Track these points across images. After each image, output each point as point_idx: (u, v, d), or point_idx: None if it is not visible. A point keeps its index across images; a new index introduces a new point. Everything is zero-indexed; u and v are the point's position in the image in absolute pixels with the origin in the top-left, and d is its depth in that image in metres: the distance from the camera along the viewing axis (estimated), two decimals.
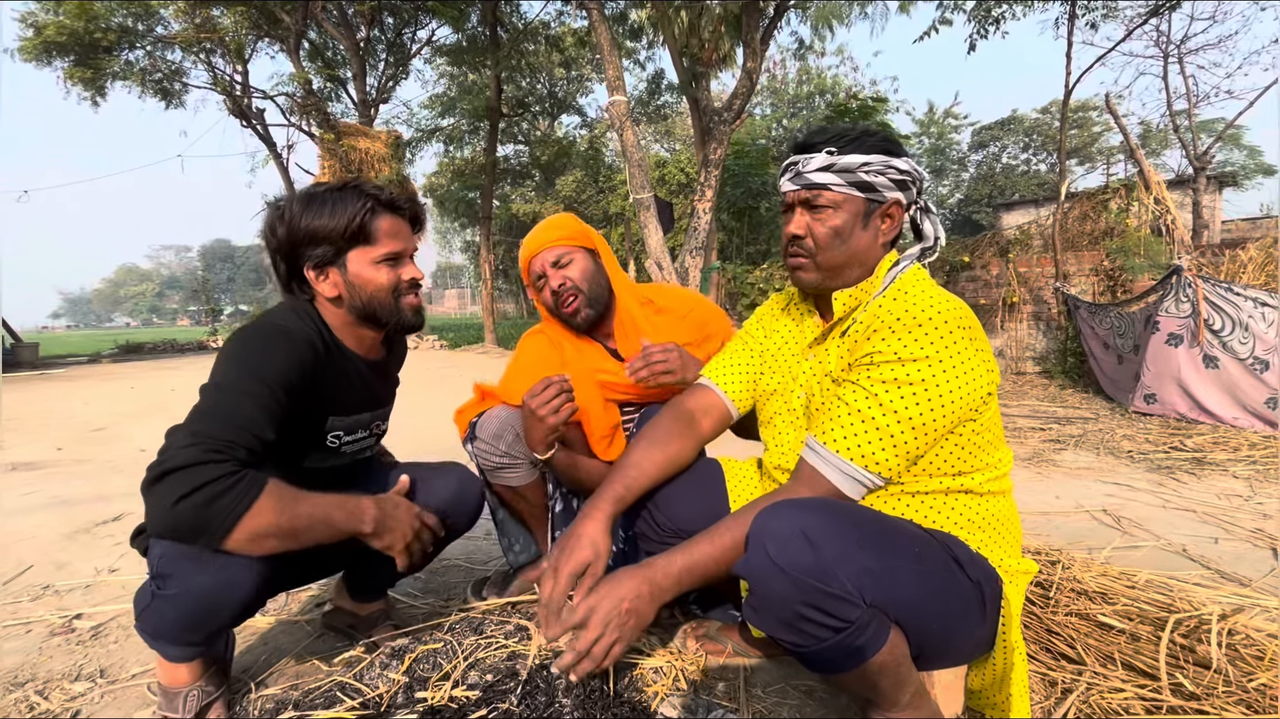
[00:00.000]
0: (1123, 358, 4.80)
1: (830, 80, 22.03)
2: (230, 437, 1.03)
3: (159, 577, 1.09)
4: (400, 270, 1.29)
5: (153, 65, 13.55)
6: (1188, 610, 1.34)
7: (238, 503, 0.99)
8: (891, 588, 0.90)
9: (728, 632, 1.49)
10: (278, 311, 1.26)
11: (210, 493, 0.97)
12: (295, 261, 1.25)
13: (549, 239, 1.61)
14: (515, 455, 1.60)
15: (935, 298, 1.06)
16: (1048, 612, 1.45)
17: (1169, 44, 12.86)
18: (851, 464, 1.03)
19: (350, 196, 1.23)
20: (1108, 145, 24.34)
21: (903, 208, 1.16)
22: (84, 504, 2.90)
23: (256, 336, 1.18)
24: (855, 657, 0.89)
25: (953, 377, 1.01)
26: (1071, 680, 1.26)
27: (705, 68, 8.42)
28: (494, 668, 1.34)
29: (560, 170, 20.42)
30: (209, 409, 1.06)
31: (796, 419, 1.24)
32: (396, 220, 1.28)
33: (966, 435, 1.08)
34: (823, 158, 1.10)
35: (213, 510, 0.97)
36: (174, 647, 1.18)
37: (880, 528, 0.95)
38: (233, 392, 1.08)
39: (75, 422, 5.40)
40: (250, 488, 1.01)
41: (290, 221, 1.22)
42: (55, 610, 1.81)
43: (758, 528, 0.94)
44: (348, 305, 1.28)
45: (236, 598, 1.10)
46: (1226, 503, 2.52)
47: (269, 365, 1.12)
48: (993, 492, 1.11)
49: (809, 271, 1.17)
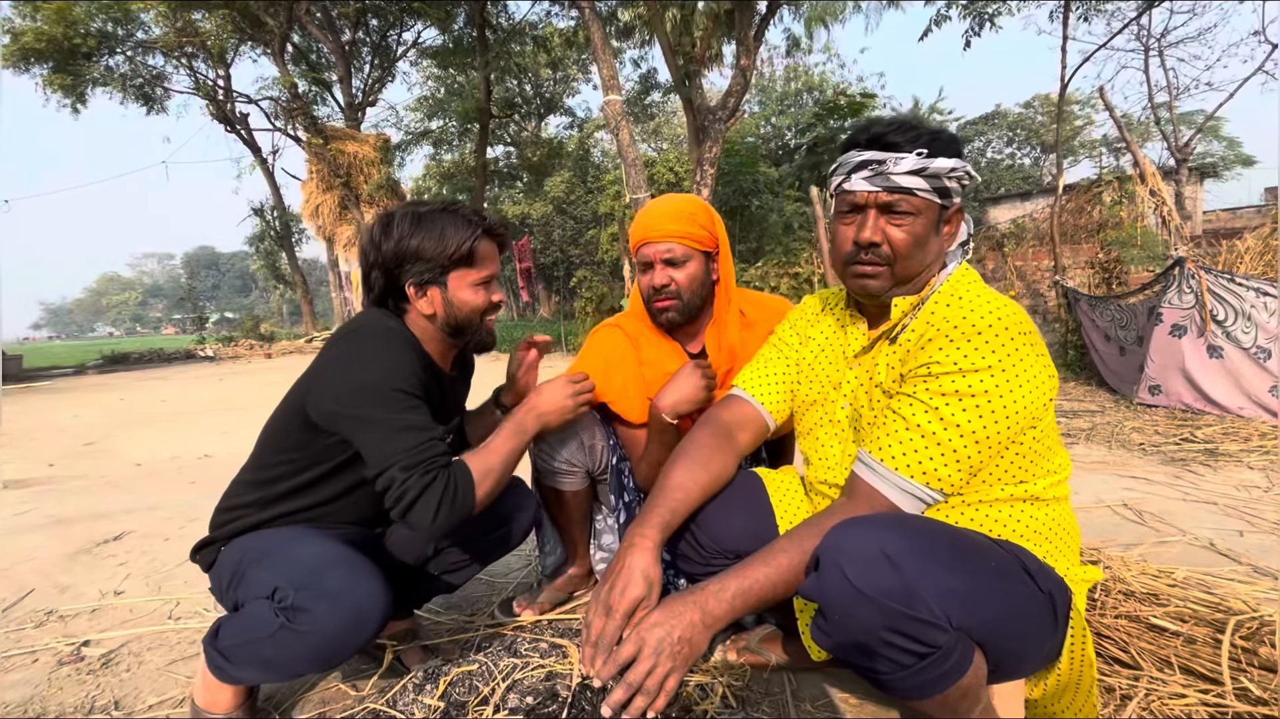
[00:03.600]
0: (1125, 350, 4.81)
1: (818, 78, 22.07)
2: (426, 454, 1.15)
3: (294, 609, 1.08)
4: (491, 293, 1.35)
5: (134, 71, 13.35)
6: (1243, 611, 1.32)
7: (468, 489, 1.18)
8: (976, 608, 0.85)
9: (768, 644, 1.44)
10: (379, 321, 1.28)
11: (451, 497, 1.15)
12: (396, 278, 1.29)
13: (673, 231, 1.50)
14: (574, 464, 1.60)
15: (993, 302, 1.02)
16: (1096, 614, 1.42)
17: (1149, 37, 13.02)
18: (912, 482, 0.99)
19: (460, 222, 1.28)
20: (1089, 139, 24.60)
21: (962, 213, 1.11)
22: (82, 522, 2.81)
23: (382, 348, 1.21)
24: (939, 684, 0.84)
25: (1015, 386, 0.97)
26: (1130, 686, 1.23)
27: (698, 66, 8.38)
28: (533, 689, 1.29)
29: (549, 171, 20.30)
30: (395, 438, 1.15)
31: (841, 431, 1.19)
32: (493, 245, 1.35)
33: (1027, 444, 1.04)
34: (914, 160, 1.02)
35: (461, 506, 1.16)
36: (246, 670, 1.15)
37: (957, 543, 0.91)
38: (399, 409, 1.17)
39: (65, 435, 5.27)
40: (464, 474, 1.19)
41: (399, 240, 1.26)
42: (62, 637, 1.73)
43: (831, 548, 0.89)
44: (441, 323, 1.32)
45: (363, 637, 1.11)
46: (1246, 494, 2.52)
47: (407, 374, 1.20)
48: (1055, 498, 1.08)
49: (882, 280, 1.09)
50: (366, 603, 1.09)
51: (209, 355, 16.17)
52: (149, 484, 3.51)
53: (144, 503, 3.11)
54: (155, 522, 2.79)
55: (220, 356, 15.84)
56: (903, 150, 1.04)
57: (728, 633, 1.56)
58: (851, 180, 1.08)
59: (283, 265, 22.50)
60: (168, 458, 4.18)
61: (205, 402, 7.51)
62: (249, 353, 15.70)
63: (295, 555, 1.13)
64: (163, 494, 3.27)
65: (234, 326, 21.28)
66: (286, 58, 12.63)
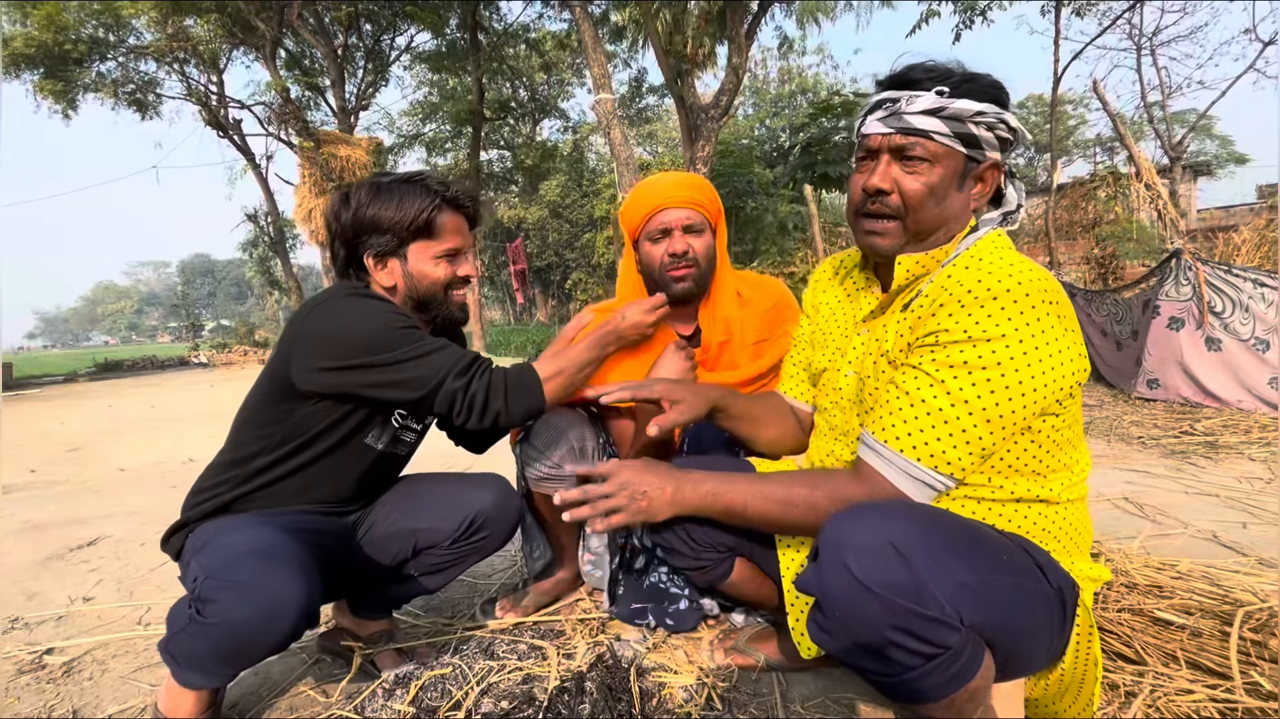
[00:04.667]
0: (1122, 344, 4.77)
1: (812, 79, 22.11)
2: (467, 359, 1.18)
3: (201, 600, 1.01)
4: (456, 266, 1.31)
5: (125, 76, 13.26)
6: (1251, 603, 1.26)
7: (535, 385, 1.20)
8: (988, 606, 0.78)
9: (758, 642, 1.38)
10: (341, 286, 1.25)
11: (518, 391, 1.18)
12: (355, 249, 1.27)
13: (688, 198, 1.48)
14: (564, 469, 1.51)
15: (1017, 265, 0.89)
16: (1098, 608, 1.36)
17: (1141, 36, 13.04)
18: (918, 465, 0.90)
19: (418, 191, 1.24)
20: (1083, 139, 24.68)
21: (999, 170, 0.99)
22: (57, 528, 2.74)
23: (371, 302, 1.19)
24: (948, 686, 0.77)
25: (1034, 359, 0.86)
26: (1134, 683, 1.17)
27: (690, 65, 8.36)
28: (509, 693, 1.23)
29: (544, 174, 20.26)
30: (431, 359, 1.15)
31: (843, 402, 1.10)
32: (458, 217, 1.31)
33: (1045, 432, 0.93)
34: (931, 98, 0.91)
35: (527, 400, 1.20)
36: (198, 673, 1.09)
37: (968, 534, 0.83)
38: (415, 341, 1.16)
39: (50, 442, 5.19)
40: (529, 374, 1.21)
41: (357, 209, 1.24)
42: (24, 645, 1.66)
43: (833, 537, 0.80)
44: (402, 295, 1.29)
45: (277, 631, 1.02)
46: (1248, 486, 2.46)
47: (401, 315, 1.18)
48: (1070, 499, 0.98)
49: (890, 236, 0.99)
50: (278, 594, 1.00)
51: (203, 362, 16.07)
52: (130, 489, 3.43)
53: (123, 508, 3.03)
54: (132, 526, 2.72)
55: (214, 363, 15.75)
56: (923, 88, 0.93)
57: (717, 631, 1.50)
58: (867, 123, 0.99)
59: (277, 271, 22.40)
60: (151, 462, 4.10)
61: (195, 407, 7.43)
62: (243, 359, 15.60)
63: (220, 543, 1.07)
64: (142, 499, 3.19)
65: (229, 334, 21.21)
66: (279, 63, 12.57)
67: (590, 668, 1.28)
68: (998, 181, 1.01)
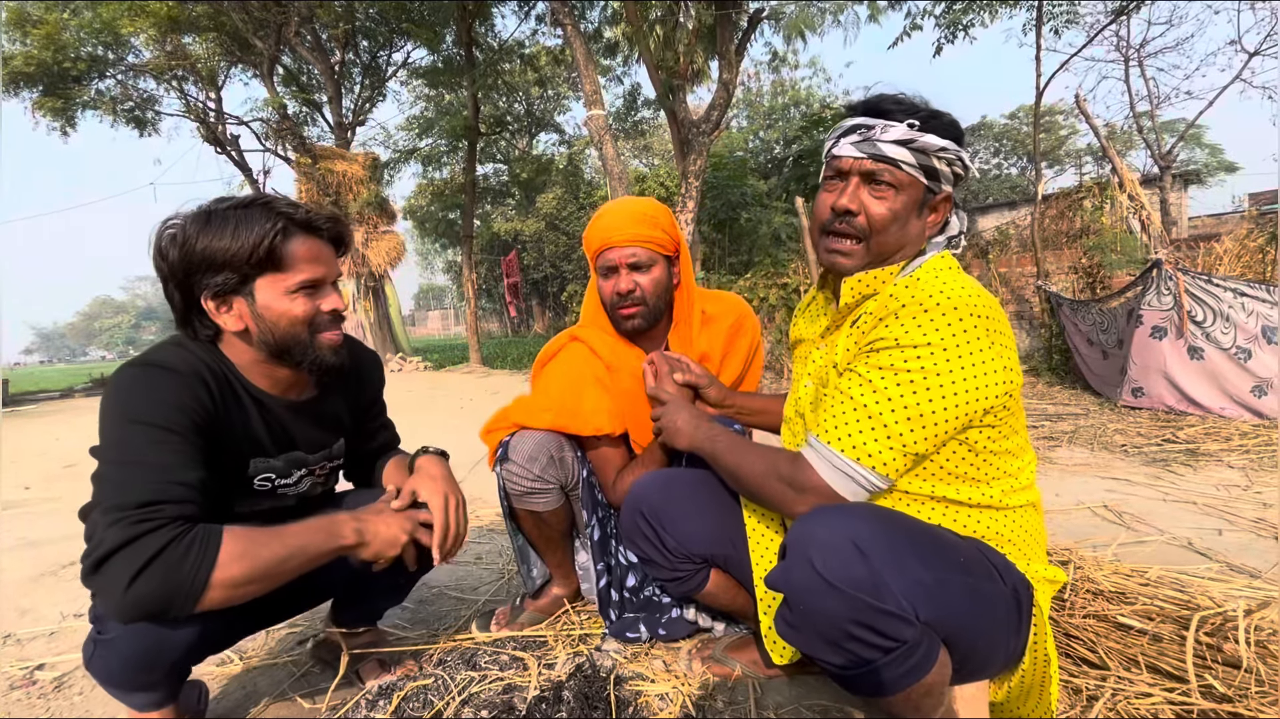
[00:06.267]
0: (1107, 353, 4.83)
1: (804, 92, 22.34)
2: (149, 497, 0.92)
3: (96, 620, 1.04)
4: (319, 300, 1.12)
5: (124, 94, 13.36)
6: (1209, 607, 1.30)
7: (200, 562, 0.91)
8: (944, 603, 0.83)
9: (735, 651, 1.41)
10: (156, 349, 1.09)
11: (165, 563, 0.88)
12: (191, 291, 1.06)
13: (636, 236, 1.47)
14: (548, 480, 1.51)
15: (950, 283, 0.97)
16: (1064, 614, 1.40)
17: (1129, 48, 13.24)
18: (843, 457, 0.95)
19: (258, 215, 1.05)
20: (1075, 148, 24.89)
21: (950, 202, 1.07)
22: (51, 545, 2.76)
23: (137, 379, 1.02)
24: (904, 680, 0.82)
25: (958, 367, 0.92)
26: (1096, 687, 1.20)
27: (681, 80, 8.48)
28: (489, 703, 1.26)
29: (540, 188, 20.41)
30: (113, 476, 0.94)
31: (803, 409, 1.16)
32: (315, 242, 1.11)
33: (981, 443, 0.99)
34: (903, 130, 0.98)
35: (177, 579, 0.89)
36: (133, 694, 1.10)
37: (928, 537, 0.89)
38: (133, 446, 0.95)
39: (46, 459, 5.20)
40: (207, 542, 0.92)
41: (184, 244, 1.04)
42: (16, 661, 1.69)
43: (800, 537, 0.86)
44: (257, 341, 1.10)
45: (180, 635, 1.02)
46: (1225, 493, 2.51)
47: (160, 405, 0.99)
48: (1013, 505, 1.03)
49: (853, 257, 1.05)
50: None
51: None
52: None
53: None
54: None
55: None
56: (895, 119, 1.00)
57: (695, 640, 1.53)
58: (840, 145, 1.05)
59: None
60: None
61: None
62: None
63: None
64: None
65: None
66: (276, 79, 12.70)
67: (569, 677, 1.32)
68: (948, 212, 1.09)
